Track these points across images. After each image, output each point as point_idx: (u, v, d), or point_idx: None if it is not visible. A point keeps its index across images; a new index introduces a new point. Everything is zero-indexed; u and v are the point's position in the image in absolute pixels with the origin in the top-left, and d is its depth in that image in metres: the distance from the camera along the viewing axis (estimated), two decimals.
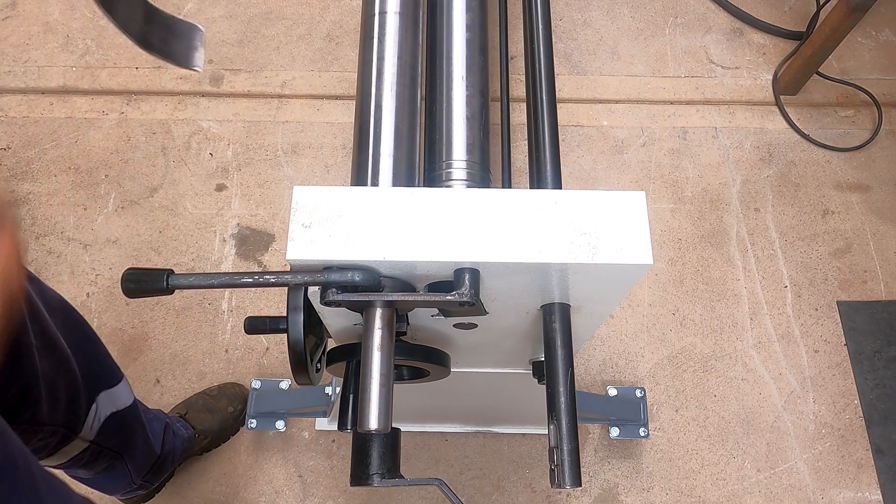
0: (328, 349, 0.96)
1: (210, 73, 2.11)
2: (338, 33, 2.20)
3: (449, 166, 0.96)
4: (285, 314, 0.83)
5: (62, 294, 1.81)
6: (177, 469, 1.59)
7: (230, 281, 0.72)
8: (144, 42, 0.97)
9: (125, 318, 1.76)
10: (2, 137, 1.99)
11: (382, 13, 0.99)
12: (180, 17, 2.33)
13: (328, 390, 1.52)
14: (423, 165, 0.99)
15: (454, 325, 0.90)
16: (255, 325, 0.92)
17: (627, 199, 0.75)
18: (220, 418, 1.59)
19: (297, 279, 0.71)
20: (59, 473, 1.21)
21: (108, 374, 1.17)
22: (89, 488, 1.35)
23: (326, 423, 1.64)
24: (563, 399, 0.79)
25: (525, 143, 1.35)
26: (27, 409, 0.97)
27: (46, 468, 0.79)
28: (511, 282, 0.76)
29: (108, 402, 1.16)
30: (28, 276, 0.98)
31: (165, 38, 1.03)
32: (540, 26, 1.08)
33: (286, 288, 0.87)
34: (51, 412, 1.01)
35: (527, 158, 1.24)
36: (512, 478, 1.64)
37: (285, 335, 0.83)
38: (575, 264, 0.72)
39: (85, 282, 1.80)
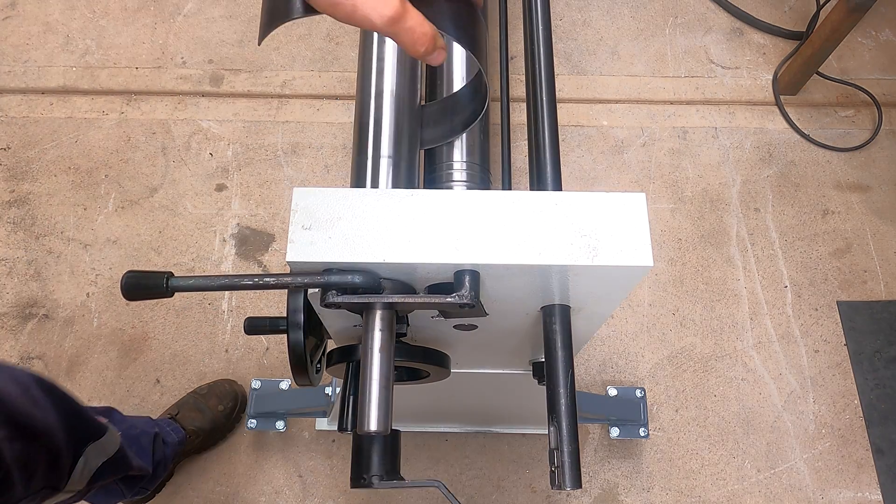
0: (328, 350, 0.96)
1: (210, 73, 2.11)
2: (338, 33, 2.20)
3: (449, 168, 0.96)
4: (285, 315, 0.83)
5: (62, 294, 1.81)
6: (176, 469, 1.59)
7: (230, 283, 0.72)
8: None
9: (125, 319, 1.76)
10: (2, 137, 1.99)
11: None
12: (180, 17, 2.33)
13: (328, 391, 1.52)
14: (423, 167, 0.99)
15: (454, 327, 0.90)
16: (255, 326, 0.92)
17: (628, 200, 0.75)
18: (210, 417, 1.58)
19: (297, 281, 0.71)
20: None
21: (92, 429, 1.12)
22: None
23: (326, 424, 1.64)
24: (563, 400, 0.79)
25: (525, 143, 1.35)
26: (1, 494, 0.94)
27: None
28: (511, 283, 0.76)
29: (96, 454, 1.12)
30: None
31: None
32: (540, 26, 1.08)
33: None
34: (25, 488, 0.98)
35: (527, 159, 1.24)
36: (512, 478, 1.64)
37: (285, 336, 0.83)
38: (575, 266, 0.72)
39: (85, 282, 1.80)
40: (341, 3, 0.60)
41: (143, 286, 0.71)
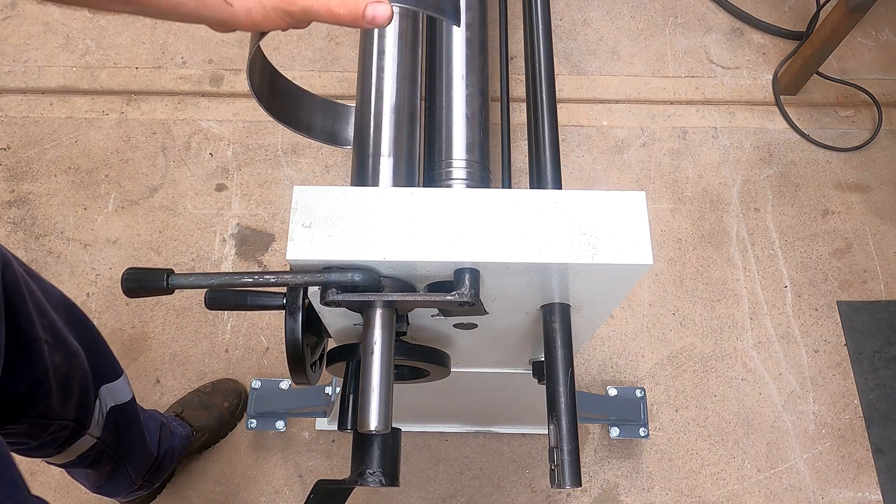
0: (328, 349, 0.96)
1: (210, 73, 2.11)
2: (338, 33, 2.20)
3: (449, 166, 0.96)
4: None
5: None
6: (177, 469, 1.59)
7: (230, 281, 0.72)
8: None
9: (125, 318, 1.76)
10: (2, 137, 1.99)
11: None
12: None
13: (328, 390, 1.52)
14: (423, 165, 0.99)
15: (454, 325, 0.90)
16: (216, 301, 0.91)
17: (627, 199, 0.75)
18: (216, 414, 1.59)
19: (297, 279, 0.71)
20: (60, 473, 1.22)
21: (109, 368, 1.17)
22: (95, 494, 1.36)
23: (326, 423, 1.64)
24: (563, 399, 0.79)
25: (525, 143, 1.35)
26: (38, 402, 0.97)
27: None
28: (511, 282, 0.76)
29: (109, 397, 1.17)
30: (29, 272, 0.99)
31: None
32: (540, 26, 1.08)
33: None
34: (62, 407, 1.02)
35: (527, 158, 1.24)
36: (512, 478, 1.64)
37: (283, 336, 0.83)
38: (575, 264, 0.72)
39: (85, 282, 1.80)
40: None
41: (144, 283, 0.71)
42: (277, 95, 1.02)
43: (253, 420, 1.57)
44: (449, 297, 0.72)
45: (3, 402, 0.92)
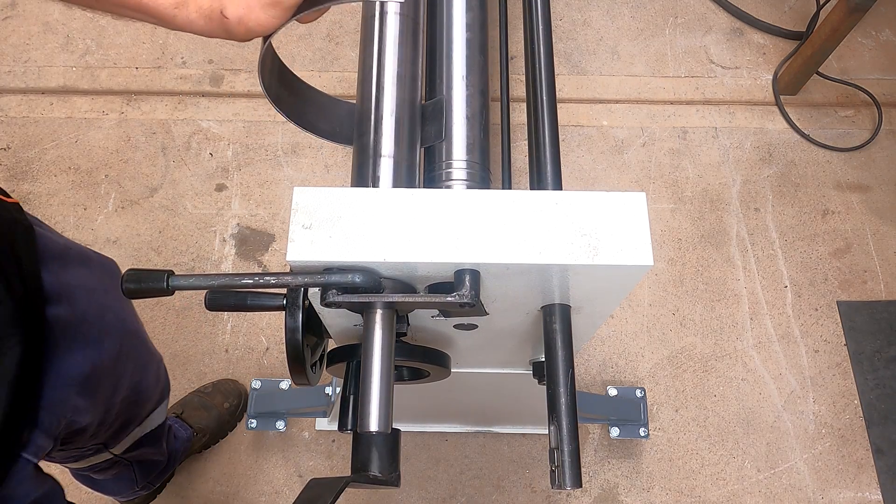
0: (328, 350, 0.96)
1: (210, 73, 2.11)
2: (338, 33, 2.20)
3: (449, 167, 0.96)
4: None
5: None
6: (177, 469, 1.59)
7: (230, 282, 0.71)
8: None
9: None
10: (2, 137, 1.99)
11: (382, 13, 0.99)
12: None
13: (328, 390, 1.52)
14: (423, 166, 0.99)
15: (454, 326, 0.90)
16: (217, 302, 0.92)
17: (628, 199, 0.75)
18: (216, 414, 1.59)
19: (298, 280, 0.71)
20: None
21: (160, 392, 1.18)
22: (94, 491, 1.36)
23: (326, 424, 1.63)
24: (563, 400, 0.79)
25: (525, 143, 1.35)
26: (92, 437, 0.98)
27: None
28: (511, 283, 0.76)
29: (148, 425, 1.17)
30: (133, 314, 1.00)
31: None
32: (540, 26, 1.08)
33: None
34: (100, 435, 1.02)
35: (527, 158, 1.24)
36: (512, 478, 1.64)
37: (281, 334, 0.83)
38: (575, 265, 0.72)
39: None
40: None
41: (144, 284, 0.71)
42: (286, 90, 1.02)
43: (253, 420, 1.57)
44: (449, 299, 0.72)
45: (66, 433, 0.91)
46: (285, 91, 0.99)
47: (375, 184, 0.89)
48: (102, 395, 0.93)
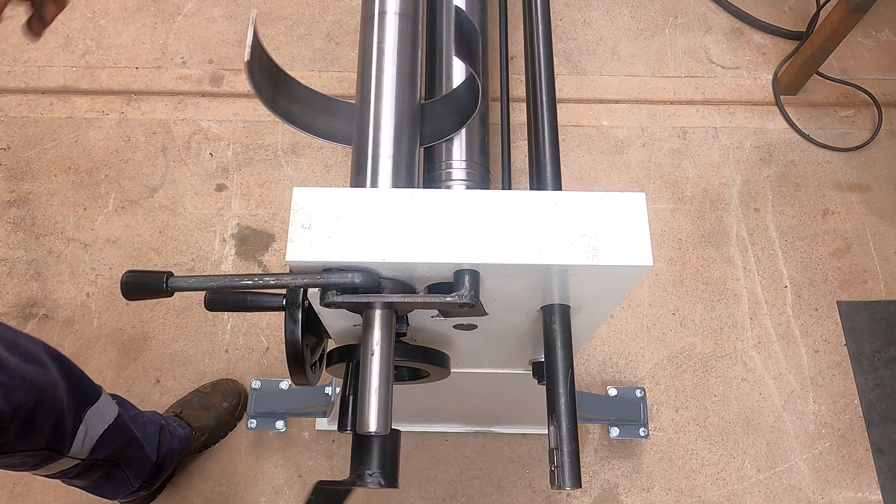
0: (328, 350, 0.96)
1: (210, 73, 2.11)
2: (338, 33, 2.20)
3: (448, 167, 0.96)
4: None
5: (62, 294, 1.81)
6: (177, 469, 1.59)
7: (230, 283, 0.72)
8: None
9: (125, 318, 1.76)
10: (2, 137, 1.99)
11: (382, 13, 0.99)
12: (180, 17, 2.33)
13: (328, 390, 1.52)
14: (423, 166, 0.99)
15: (454, 326, 0.90)
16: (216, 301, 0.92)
17: (627, 200, 0.75)
18: (215, 414, 1.59)
19: (297, 281, 0.71)
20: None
21: (89, 390, 1.17)
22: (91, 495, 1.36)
23: (326, 424, 1.64)
24: (563, 400, 0.79)
25: (525, 143, 1.35)
26: None
27: None
28: (511, 283, 0.76)
29: (96, 419, 1.16)
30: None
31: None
32: (540, 26, 1.08)
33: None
34: (25, 440, 1.00)
35: (527, 158, 1.24)
36: (512, 478, 1.64)
37: (280, 333, 0.83)
38: (575, 266, 0.72)
39: (85, 282, 1.80)
40: None
41: (143, 285, 0.71)
42: (281, 92, 1.02)
43: (253, 420, 1.57)
44: (449, 299, 0.72)
45: None
46: (280, 93, 0.99)
47: (375, 184, 0.89)
48: None
